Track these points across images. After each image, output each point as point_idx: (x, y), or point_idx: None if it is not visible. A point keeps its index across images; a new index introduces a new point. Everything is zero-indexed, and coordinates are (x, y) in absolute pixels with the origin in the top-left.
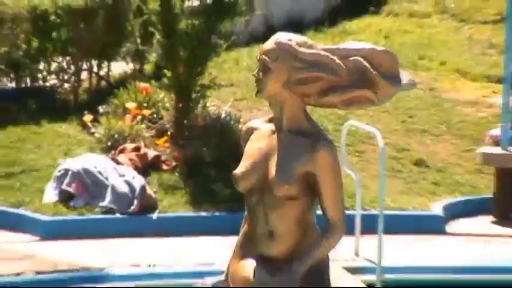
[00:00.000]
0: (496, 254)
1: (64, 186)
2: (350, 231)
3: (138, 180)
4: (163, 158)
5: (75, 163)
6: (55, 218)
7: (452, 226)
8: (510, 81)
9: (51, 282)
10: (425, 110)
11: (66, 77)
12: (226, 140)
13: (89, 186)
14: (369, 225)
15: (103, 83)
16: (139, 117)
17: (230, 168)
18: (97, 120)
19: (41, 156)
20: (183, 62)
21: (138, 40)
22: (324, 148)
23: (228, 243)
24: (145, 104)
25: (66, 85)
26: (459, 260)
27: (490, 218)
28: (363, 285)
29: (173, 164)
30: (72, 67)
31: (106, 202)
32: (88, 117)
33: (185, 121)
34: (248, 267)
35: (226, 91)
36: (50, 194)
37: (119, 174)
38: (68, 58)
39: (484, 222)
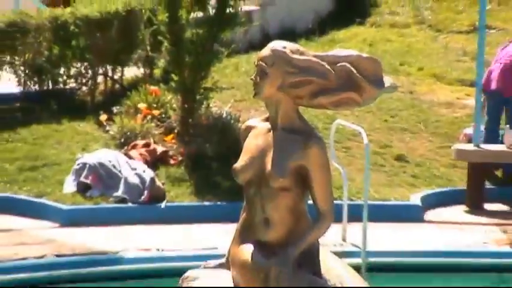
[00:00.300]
0: (468, 240)
1: (81, 178)
2: (338, 219)
3: (148, 173)
4: (170, 153)
5: (91, 157)
6: (73, 207)
7: (429, 215)
8: (481, 85)
9: (71, 265)
10: (405, 110)
11: (84, 81)
12: (227, 137)
13: (104, 178)
14: (355, 214)
15: (117, 86)
16: (149, 116)
17: (230, 162)
18: (112, 119)
19: (61, 151)
20: (188, 67)
21: (148, 48)
22: (315, 145)
23: (229, 230)
24: (155, 105)
25: (84, 88)
26: (435, 245)
27: (463, 207)
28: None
29: (180, 158)
30: (89, 72)
31: (119, 192)
32: (103, 117)
33: (190, 120)
34: (246, 251)
35: (227, 93)
36: (69, 185)
37: (131, 168)
38: (85, 64)
39: (457, 212)
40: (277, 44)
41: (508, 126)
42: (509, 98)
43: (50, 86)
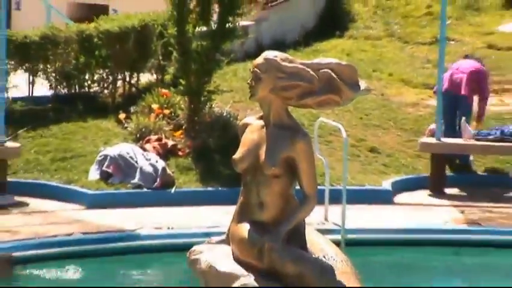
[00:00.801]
0: (431, 219)
1: (103, 168)
2: (320, 202)
3: (160, 163)
4: (179, 146)
5: (112, 150)
6: (97, 192)
7: (398, 198)
8: (441, 88)
9: (95, 241)
10: (377, 109)
11: (105, 85)
12: (227, 132)
13: (123, 168)
14: (335, 197)
15: (133, 89)
16: (161, 115)
17: (230, 154)
18: (129, 117)
19: (86, 145)
20: (194, 74)
21: (160, 57)
22: (302, 139)
23: (229, 211)
24: (165, 105)
25: (105, 91)
26: (403, 223)
27: (427, 192)
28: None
29: (187, 151)
30: (110, 77)
31: (136, 180)
32: (122, 116)
33: (195, 118)
34: (243, 229)
35: (227, 95)
36: (93, 174)
37: (145, 159)
38: (107, 71)
39: (422, 195)
40: (269, 54)
41: (464, 120)
42: (457, 98)
43: (77, 90)
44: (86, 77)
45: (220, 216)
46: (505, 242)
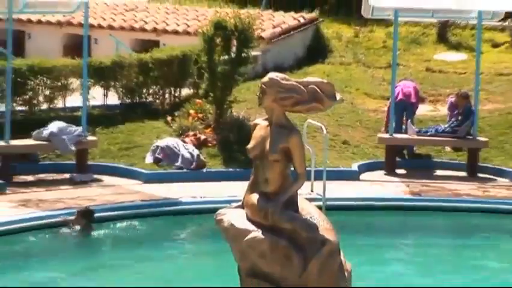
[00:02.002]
0: (386, 191)
1: (155, 155)
2: (308, 179)
3: (195, 151)
4: (208, 139)
5: (162, 142)
6: (151, 172)
7: (363, 176)
8: (393, 100)
9: (150, 206)
10: (348, 114)
11: (157, 97)
12: (242, 130)
13: (169, 155)
14: (319, 176)
15: (177, 100)
16: (196, 118)
17: (244, 145)
18: (174, 119)
19: (143, 138)
20: (219, 89)
21: (195, 77)
22: (295, 135)
23: (243, 185)
24: (199, 111)
25: (157, 101)
26: (366, 194)
27: (383, 172)
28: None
29: (214, 142)
30: (160, 91)
31: (178, 163)
32: (169, 118)
33: (220, 120)
34: (253, 198)
35: (242, 104)
36: (148, 159)
37: (185, 148)
38: (158, 86)
39: (379, 174)
40: (272, 74)
41: (409, 121)
42: (407, 108)
43: (137, 100)
44: (144, 91)
45: (237, 189)
46: (438, 207)
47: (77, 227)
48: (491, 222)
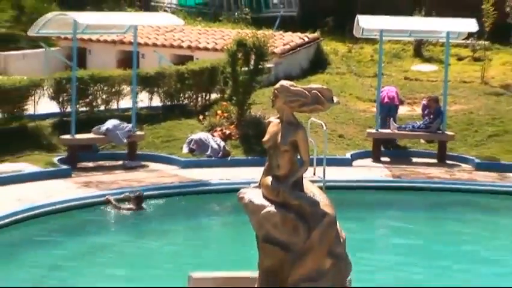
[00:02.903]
0: (372, 175)
1: (190, 146)
2: (311, 165)
3: (222, 143)
4: (232, 134)
5: (195, 136)
6: (186, 159)
7: (355, 163)
8: (379, 102)
9: (186, 186)
10: (343, 114)
11: (191, 100)
12: (259, 126)
13: (201, 145)
14: (320, 162)
15: (207, 102)
16: (222, 117)
17: (260, 138)
18: (205, 118)
19: (180, 133)
20: (241, 94)
21: (222, 84)
22: (301, 130)
23: (260, 170)
24: (225, 111)
25: (191, 103)
26: (357, 177)
27: (370, 160)
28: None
29: (237, 136)
30: (194, 96)
31: (208, 152)
32: (200, 117)
33: (241, 118)
34: (268, 180)
35: (259, 106)
36: (185, 149)
37: (213, 140)
38: (192, 91)
39: (368, 161)
40: (282, 82)
41: (392, 120)
42: (390, 109)
43: (175, 102)
44: (180, 95)
45: (255, 173)
46: (415, 187)
47: (130, 206)
48: (457, 199)
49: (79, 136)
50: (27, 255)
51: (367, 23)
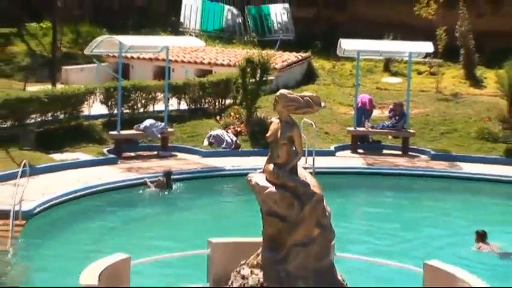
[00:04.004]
0: (352, 163)
1: (209, 140)
2: (303, 155)
3: (234, 138)
4: (242, 131)
5: (213, 132)
6: (207, 150)
7: (337, 154)
8: (357, 106)
9: (206, 171)
10: (328, 115)
11: (210, 104)
12: (263, 125)
13: (218, 140)
14: (309, 153)
15: (223, 106)
16: (235, 117)
17: (264, 134)
18: (221, 118)
19: (202, 130)
20: (249, 100)
21: (234, 92)
22: (296, 128)
23: (264, 159)
24: (237, 113)
25: (210, 107)
26: (340, 164)
27: (349, 151)
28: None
29: (246, 133)
30: (212, 101)
31: (224, 145)
32: (218, 117)
33: (250, 119)
34: (270, 166)
35: (263, 109)
36: (205, 142)
37: (228, 136)
38: (211, 98)
39: (347, 153)
40: (282, 90)
41: (366, 121)
42: (364, 112)
43: (198, 106)
44: (202, 100)
45: (260, 161)
46: (384, 173)
47: (161, 183)
48: (417, 182)
49: (123, 132)
50: (82, 225)
51: (347, 45)
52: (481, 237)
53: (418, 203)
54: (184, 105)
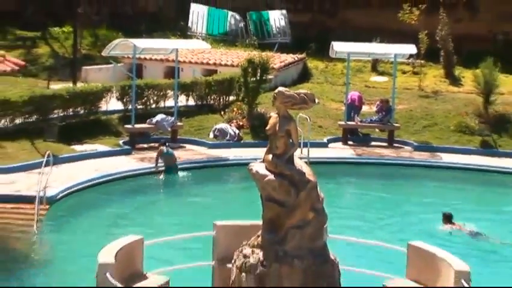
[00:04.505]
0: (343, 153)
1: (214, 133)
2: (299, 147)
3: (237, 131)
4: (244, 125)
5: (218, 126)
6: (212, 142)
7: (330, 145)
8: (347, 102)
9: (212, 161)
10: (321, 111)
11: (216, 101)
12: (263, 119)
13: (222, 132)
14: (305, 145)
15: (227, 102)
16: (237, 112)
17: (264, 127)
18: (225, 113)
19: (208, 124)
20: (250, 97)
21: (237, 89)
22: (293, 122)
23: (263, 150)
24: (239, 109)
25: (215, 103)
26: (332, 155)
27: (341, 143)
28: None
29: (247, 126)
30: (218, 97)
31: (227, 137)
32: (222, 113)
33: (251, 113)
34: (269, 157)
35: (263, 105)
36: (210, 135)
37: (231, 129)
38: (216, 95)
39: (339, 144)
40: (280, 88)
41: (356, 116)
42: (354, 108)
43: (205, 102)
44: (208, 97)
45: (260, 152)
46: (371, 162)
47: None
48: (401, 171)
49: (137, 126)
50: (100, 209)
51: (339, 47)
52: (447, 218)
53: (402, 189)
54: (191, 102)
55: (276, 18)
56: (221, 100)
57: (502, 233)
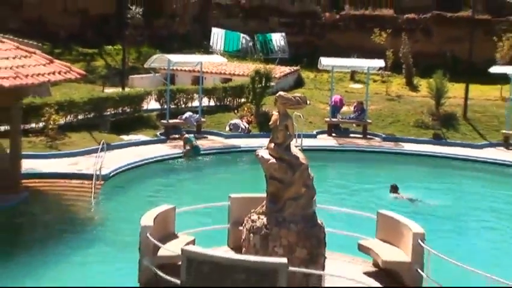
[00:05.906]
0: (327, 143)
1: (230, 127)
2: (294, 137)
3: (247, 125)
4: (253, 121)
5: (232, 121)
6: (228, 134)
7: (318, 137)
8: (331, 104)
9: (228, 148)
10: (312, 110)
11: (231, 102)
12: (267, 116)
13: (236, 126)
14: (299, 136)
15: (239, 103)
16: (247, 111)
17: (268, 123)
18: (238, 111)
19: (224, 120)
20: (257, 99)
21: (246, 93)
22: (290, 118)
23: (267, 140)
24: (249, 108)
25: (230, 104)
26: (319, 144)
27: (326, 135)
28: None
29: (255, 122)
30: (232, 100)
31: (239, 130)
32: (236, 111)
33: (258, 112)
34: (271, 145)
35: (267, 105)
36: (226, 128)
37: (242, 124)
38: (231, 97)
39: (325, 136)
40: (281, 92)
41: (338, 114)
42: (336, 108)
43: (222, 103)
44: (225, 99)
45: (265, 141)
46: (351, 150)
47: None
48: (372, 156)
49: (170, 121)
50: (142, 184)
51: (325, 61)
52: (394, 188)
53: (373, 171)
54: (212, 103)
55: (277, 39)
56: (235, 101)
57: (439, 199)
